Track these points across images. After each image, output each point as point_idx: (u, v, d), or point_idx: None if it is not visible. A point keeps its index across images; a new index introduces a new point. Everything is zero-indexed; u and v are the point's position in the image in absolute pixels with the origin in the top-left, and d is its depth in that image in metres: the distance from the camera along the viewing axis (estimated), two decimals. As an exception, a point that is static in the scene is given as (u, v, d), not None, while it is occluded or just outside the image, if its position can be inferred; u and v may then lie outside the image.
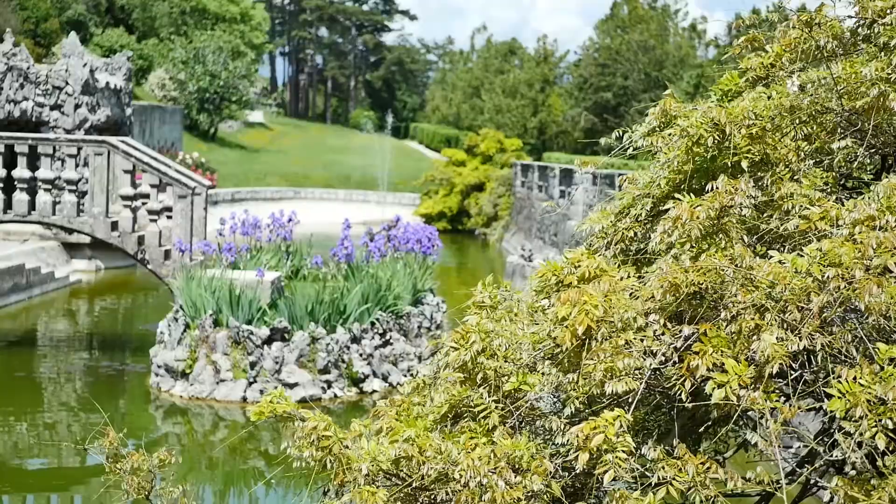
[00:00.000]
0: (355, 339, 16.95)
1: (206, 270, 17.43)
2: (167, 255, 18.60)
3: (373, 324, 17.38)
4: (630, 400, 4.29)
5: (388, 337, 17.59)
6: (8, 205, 18.47)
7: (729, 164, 4.89)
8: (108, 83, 31.28)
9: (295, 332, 16.38)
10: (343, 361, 16.60)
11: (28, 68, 29.69)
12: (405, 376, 17.77)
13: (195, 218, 18.60)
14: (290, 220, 20.62)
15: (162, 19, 78.20)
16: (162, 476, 6.73)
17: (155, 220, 18.66)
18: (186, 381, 16.28)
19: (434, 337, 19.15)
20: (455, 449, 4.47)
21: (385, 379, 17.27)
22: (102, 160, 18.36)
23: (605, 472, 3.82)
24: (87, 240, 29.91)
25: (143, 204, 18.92)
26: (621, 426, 4.02)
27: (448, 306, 20.34)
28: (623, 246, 5.47)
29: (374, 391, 17.01)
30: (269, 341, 16.27)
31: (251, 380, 16.06)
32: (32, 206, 18.37)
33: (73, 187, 18.48)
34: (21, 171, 18.32)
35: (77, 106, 29.64)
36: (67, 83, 29.57)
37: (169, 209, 18.83)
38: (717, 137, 4.93)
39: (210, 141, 66.90)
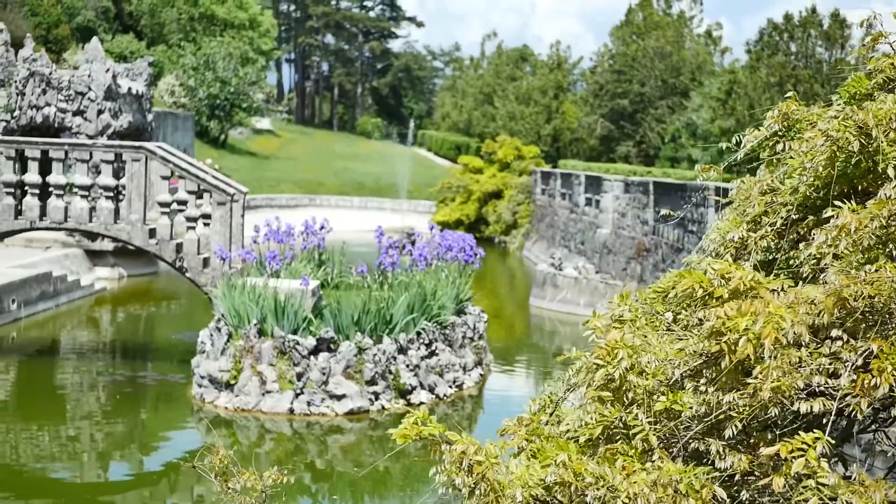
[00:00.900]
0: (402, 350, 16.56)
1: (247, 279, 17.06)
2: (206, 263, 18.23)
3: (418, 334, 17.00)
4: (820, 421, 4.00)
5: (433, 347, 17.20)
6: (43, 211, 18.09)
7: (876, 169, 4.57)
8: (129, 89, 30.94)
9: (341, 343, 15.98)
10: (390, 372, 16.21)
11: (50, 74, 29.35)
12: (451, 388, 17.40)
13: (234, 225, 18.22)
14: (321, 227, 20.25)
15: (170, 25, 77.88)
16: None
17: (193, 228, 18.29)
18: (231, 392, 15.90)
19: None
20: (614, 474, 4.15)
21: (432, 390, 16.89)
22: (140, 166, 17.99)
23: (805, 500, 3.53)
24: (109, 247, 29.65)
25: (179, 211, 18.56)
26: (822, 450, 3.73)
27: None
28: (761, 256, 5.17)
29: (422, 403, 16.62)
30: (315, 352, 15.89)
31: (298, 391, 15.67)
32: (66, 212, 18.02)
33: (110, 193, 18.09)
34: (57, 177, 17.94)
35: (100, 112, 29.29)
36: (90, 89, 29.22)
37: (205, 216, 18.45)
38: (862, 141, 4.60)
39: (220, 147, 66.58)
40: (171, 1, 77.21)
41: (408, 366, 16.54)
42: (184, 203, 18.48)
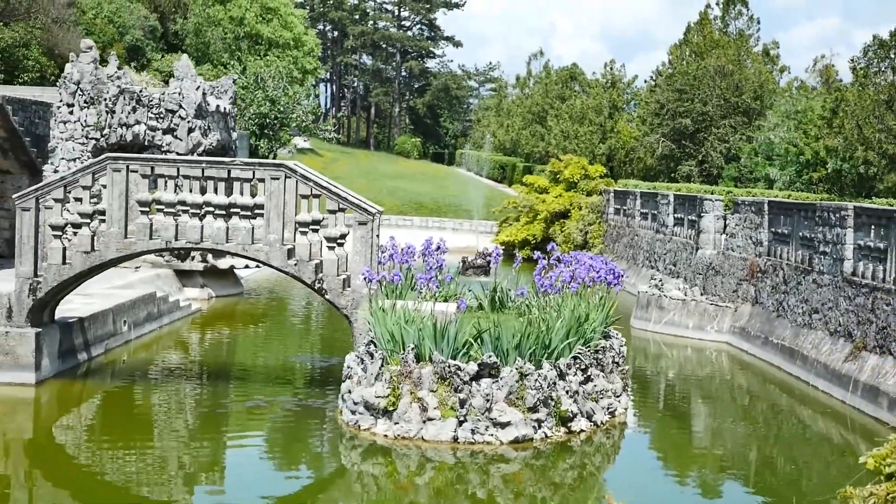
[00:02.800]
0: (561, 376, 15.94)
1: (397, 301, 16.52)
2: (346, 284, 17.69)
3: (575, 359, 16.37)
4: None
5: (588, 373, 16.57)
6: (178, 231, 17.60)
7: None
8: (217, 106, 30.54)
9: (502, 368, 15.38)
10: (551, 399, 15.58)
11: (140, 91, 28.97)
12: (607, 415, 16.77)
13: (373, 245, 17.71)
14: (438, 247, 19.72)
15: (216, 45, 77.84)
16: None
17: (332, 248, 17.76)
18: (389, 419, 15.29)
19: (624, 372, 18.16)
20: None
21: (589, 417, 16.25)
22: (279, 185, 17.49)
23: None
24: (199, 267, 29.21)
25: (314, 231, 18.05)
26: None
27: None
28: None
29: (582, 430, 16.00)
30: (476, 377, 15.27)
31: (461, 418, 15.06)
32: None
33: (248, 213, 17.59)
34: (194, 197, 17.44)
35: (190, 129, 28.89)
36: (181, 106, 28.82)
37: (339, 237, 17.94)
38: None
39: (270, 167, 66.20)
40: (217, 20, 77.17)
41: (567, 392, 15.92)
42: (317, 223, 17.98)
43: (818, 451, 17.11)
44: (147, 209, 17.64)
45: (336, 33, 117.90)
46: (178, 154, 28.56)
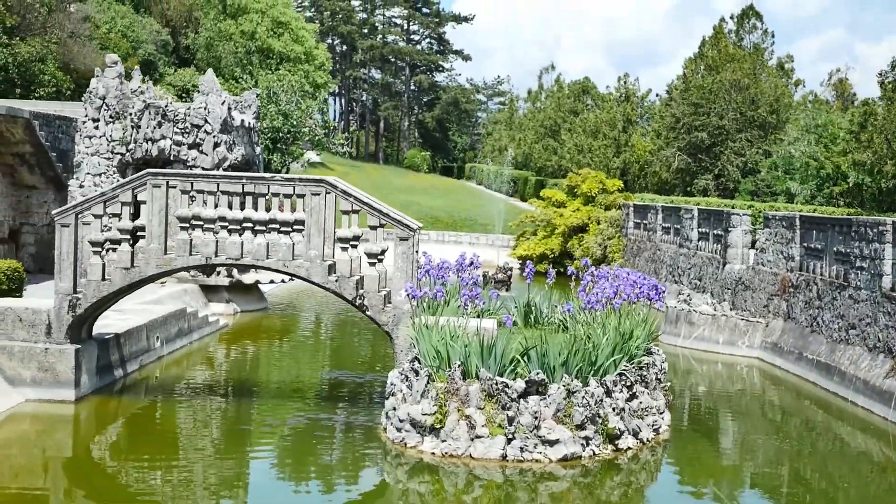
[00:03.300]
0: (608, 393, 15.82)
1: (440, 318, 16.44)
2: (387, 300, 17.59)
3: (621, 375, 16.25)
4: None
5: (633, 390, 16.45)
6: (218, 247, 17.51)
7: None
8: (242, 121, 30.49)
9: (549, 385, 15.26)
10: (598, 416, 15.46)
11: (166, 106, 28.94)
12: (652, 432, 16.64)
13: (413, 261, 17.62)
14: (471, 262, 19.68)
15: (227, 59, 77.96)
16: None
17: (373, 264, 17.67)
18: (436, 436, 15.18)
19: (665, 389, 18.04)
20: None
21: (635, 435, 16.12)
22: (319, 200, 17.41)
23: None
24: (225, 282, 29.12)
25: (353, 247, 17.98)
26: None
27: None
28: None
29: (629, 448, 15.87)
30: (524, 394, 15.16)
31: (510, 436, 14.95)
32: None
33: (288, 229, 17.51)
34: (235, 213, 17.37)
35: (216, 144, 28.83)
36: (206, 121, 28.77)
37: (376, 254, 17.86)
38: None
39: (284, 181, 66.20)
40: (229, 34, 77.32)
41: (614, 409, 15.80)
42: (356, 238, 17.90)
43: (856, 468, 16.99)
44: (187, 225, 17.56)
45: (345, 47, 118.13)
46: (203, 168, 28.49)
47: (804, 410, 21.35)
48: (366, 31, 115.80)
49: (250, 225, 17.56)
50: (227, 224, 17.56)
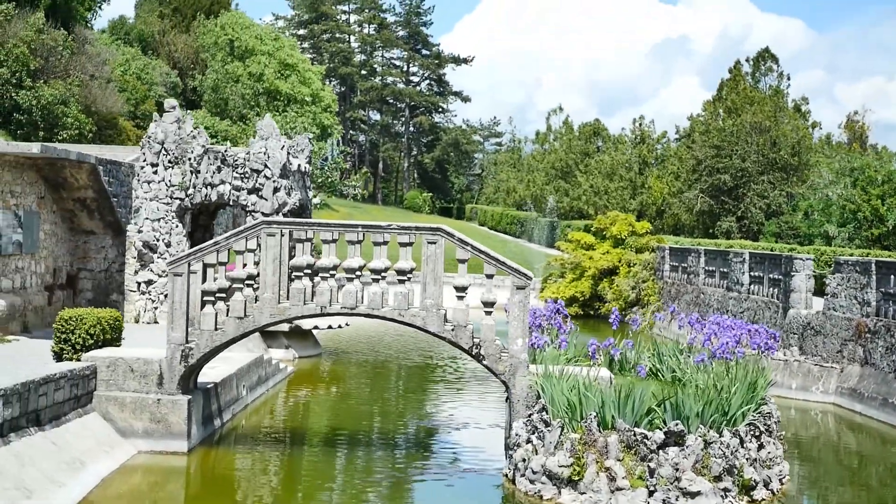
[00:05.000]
0: (742, 443, 15.71)
1: (567, 367, 16.36)
2: (503, 349, 17.46)
3: (750, 425, 16.15)
4: None
5: (761, 440, 16.34)
6: (334, 295, 17.38)
7: None
8: (298, 166, 30.42)
9: (687, 436, 15.15)
10: (735, 467, 15.34)
11: (226, 151, 28.84)
12: (781, 483, 16.52)
13: (527, 310, 17.53)
14: (557, 310, 19.68)
15: (234, 101, 78.08)
16: None
17: (489, 313, 17.56)
18: (573, 489, 15.02)
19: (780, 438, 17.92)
20: None
21: (766, 485, 15.99)
22: (436, 248, 17.35)
23: None
24: (285, 328, 28.89)
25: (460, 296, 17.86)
26: None
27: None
28: None
29: (763, 500, 15.74)
30: (662, 445, 15.04)
31: (651, 488, 14.80)
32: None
33: (404, 278, 17.40)
34: (353, 261, 17.24)
35: (276, 189, 28.71)
36: (266, 166, 28.67)
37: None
38: None
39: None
40: (236, 76, 77.44)
41: (747, 459, 15.69)
42: (464, 288, 17.82)
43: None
44: (301, 274, 17.42)
45: (344, 88, 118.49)
46: (263, 214, 28.37)
47: (893, 457, 21.27)
48: (365, 72, 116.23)
49: (359, 274, 17.45)
50: (333, 273, 17.44)
